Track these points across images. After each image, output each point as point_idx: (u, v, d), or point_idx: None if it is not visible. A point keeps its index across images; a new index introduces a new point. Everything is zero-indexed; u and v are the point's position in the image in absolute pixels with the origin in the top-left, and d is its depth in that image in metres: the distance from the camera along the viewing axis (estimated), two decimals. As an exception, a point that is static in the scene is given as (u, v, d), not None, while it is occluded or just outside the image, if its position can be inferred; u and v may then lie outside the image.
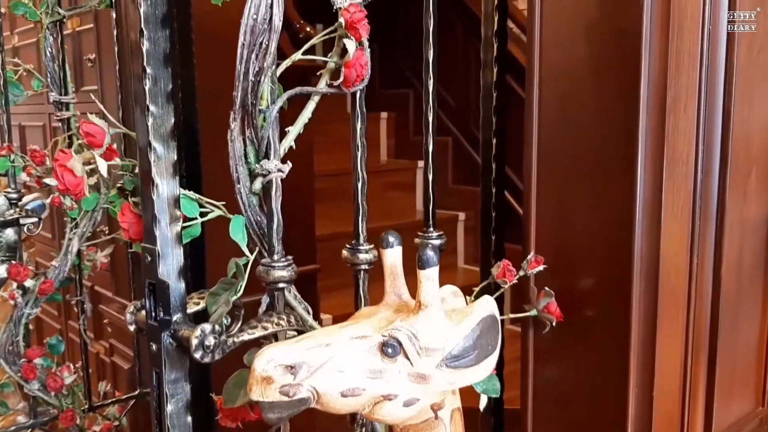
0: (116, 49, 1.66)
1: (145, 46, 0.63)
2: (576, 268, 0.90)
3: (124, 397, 1.75)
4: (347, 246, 0.86)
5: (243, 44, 0.70)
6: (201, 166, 1.82)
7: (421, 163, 3.48)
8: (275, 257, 0.75)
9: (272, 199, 0.74)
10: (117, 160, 1.56)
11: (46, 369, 1.56)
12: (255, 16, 0.70)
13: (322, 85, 0.79)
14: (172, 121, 0.66)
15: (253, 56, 0.70)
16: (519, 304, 0.98)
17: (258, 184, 0.76)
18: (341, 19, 0.75)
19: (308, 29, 2.16)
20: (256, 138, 0.74)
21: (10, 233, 1.52)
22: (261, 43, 0.70)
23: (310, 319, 0.77)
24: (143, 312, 0.71)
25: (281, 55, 2.27)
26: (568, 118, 0.89)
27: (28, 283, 1.49)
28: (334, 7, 0.78)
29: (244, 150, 0.75)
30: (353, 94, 0.82)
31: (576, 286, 0.89)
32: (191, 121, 1.80)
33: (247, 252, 0.77)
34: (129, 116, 1.72)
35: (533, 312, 0.92)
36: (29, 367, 1.52)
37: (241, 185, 0.75)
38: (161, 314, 0.67)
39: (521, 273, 0.93)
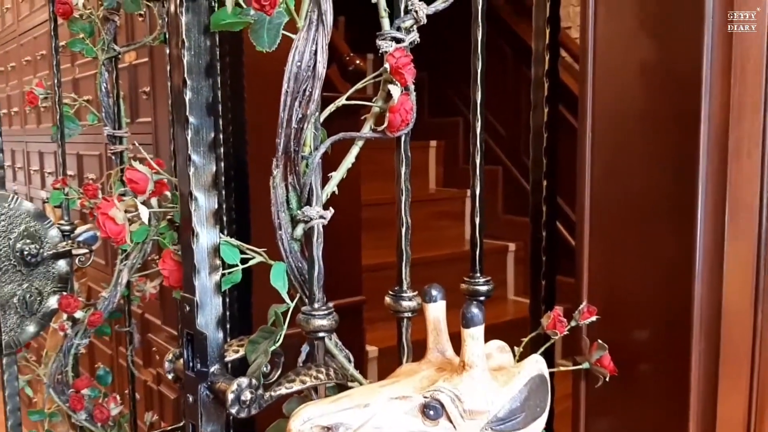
0: (169, 84, 1.68)
1: (188, 96, 0.62)
2: (630, 319, 0.85)
3: (170, 428, 1.75)
4: (390, 293, 0.84)
5: (287, 91, 0.69)
6: (251, 208, 1.84)
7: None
8: (316, 305, 0.73)
9: (314, 246, 0.73)
10: (167, 194, 1.58)
11: (94, 399, 1.57)
12: (299, 64, 0.69)
13: (367, 130, 0.77)
14: (213, 170, 0.65)
15: (297, 103, 0.69)
16: (570, 349, 0.94)
17: (300, 231, 0.74)
18: (387, 64, 0.74)
19: (358, 62, 2.16)
20: (298, 184, 0.72)
21: (62, 265, 1.55)
22: (304, 90, 0.69)
23: (351, 368, 0.75)
24: (181, 361, 0.70)
25: (331, 87, 2.28)
26: (622, 161, 0.86)
27: (78, 314, 1.51)
28: (380, 51, 0.77)
29: (287, 196, 0.73)
30: (398, 138, 0.80)
31: (630, 338, 0.85)
32: (242, 163, 1.81)
33: (287, 299, 0.75)
34: (180, 149, 1.74)
35: (585, 365, 0.88)
36: (77, 398, 1.54)
37: (282, 231, 0.74)
38: (198, 365, 0.65)
39: (572, 323, 0.89)
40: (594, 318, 0.86)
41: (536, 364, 0.64)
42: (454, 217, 3.38)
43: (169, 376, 0.73)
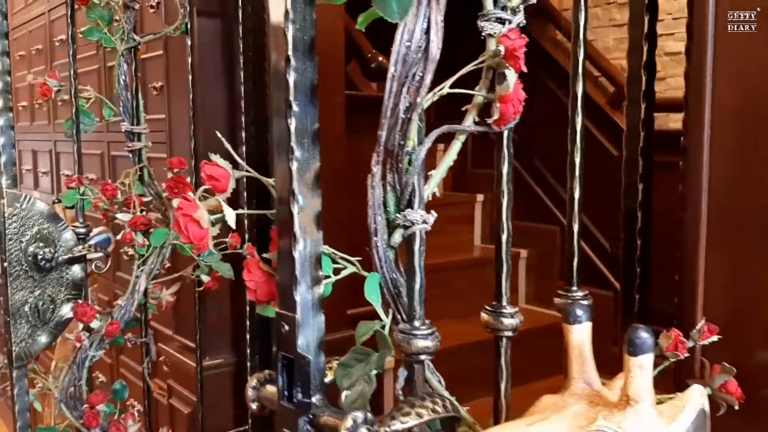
0: (190, 77, 1.58)
1: (292, 77, 0.53)
2: (753, 339, 0.77)
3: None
4: (488, 308, 0.75)
5: (393, 76, 0.60)
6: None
7: (480, 197, 3.38)
8: (416, 323, 0.64)
9: (415, 255, 0.63)
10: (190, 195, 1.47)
11: (109, 416, 1.46)
12: (408, 44, 0.59)
13: (470, 123, 0.68)
14: (318, 165, 0.55)
15: (405, 89, 0.60)
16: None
17: (398, 237, 0.64)
18: (500, 48, 0.64)
19: (381, 59, 2.07)
20: (399, 184, 0.63)
21: (76, 270, 1.44)
22: (414, 75, 0.60)
23: (452, 399, 0.66)
24: (269, 387, 0.60)
25: (353, 87, 2.17)
26: (749, 166, 0.77)
27: (95, 324, 1.40)
28: (483, 33, 0.68)
29: (384, 197, 0.64)
30: (498, 134, 0.71)
31: (752, 360, 0.76)
32: (264, 166, 1.71)
33: (383, 316, 0.66)
34: (201, 147, 1.63)
35: (707, 391, 0.79)
36: (92, 414, 1.42)
37: (378, 237, 0.64)
38: (299, 395, 0.55)
39: (690, 344, 0.80)
40: (715, 338, 0.77)
41: (700, 396, 0.55)
42: (463, 222, 3.29)
43: (252, 406, 0.63)
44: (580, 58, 0.76)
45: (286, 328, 0.56)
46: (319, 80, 1.77)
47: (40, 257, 1.34)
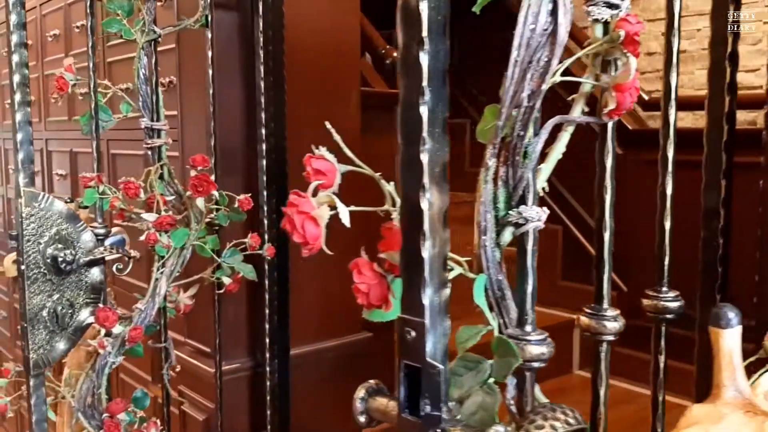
0: (210, 72, 1.52)
1: (426, 60, 0.48)
2: None
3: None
4: (587, 310, 0.70)
5: (516, 61, 0.55)
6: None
7: None
8: (528, 328, 0.59)
9: (528, 255, 0.59)
10: (215, 193, 1.42)
11: (129, 425, 1.40)
12: (533, 27, 0.55)
13: (578, 113, 0.64)
14: (447, 157, 0.51)
15: (528, 76, 0.55)
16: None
17: (507, 236, 0.60)
18: (619, 32, 0.60)
19: (395, 54, 2.02)
20: (512, 178, 0.59)
21: (96, 273, 1.37)
22: (539, 60, 0.55)
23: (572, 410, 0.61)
24: (379, 399, 0.55)
25: (364, 84, 2.10)
26: None
27: (116, 329, 1.34)
28: (590, 18, 0.64)
29: (494, 193, 0.59)
30: (602, 126, 0.67)
31: None
32: (282, 161, 1.66)
33: (492, 320, 0.61)
34: (221, 144, 1.57)
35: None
36: (113, 424, 1.36)
37: (487, 236, 0.60)
38: (427, 408, 0.51)
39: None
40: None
41: None
42: (461, 223, 3.23)
43: (361, 419, 0.58)
44: (674, 49, 0.73)
45: (413, 334, 0.51)
46: (334, 76, 1.72)
47: (60, 259, 1.27)
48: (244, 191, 1.51)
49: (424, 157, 0.49)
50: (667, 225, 0.75)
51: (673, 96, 0.75)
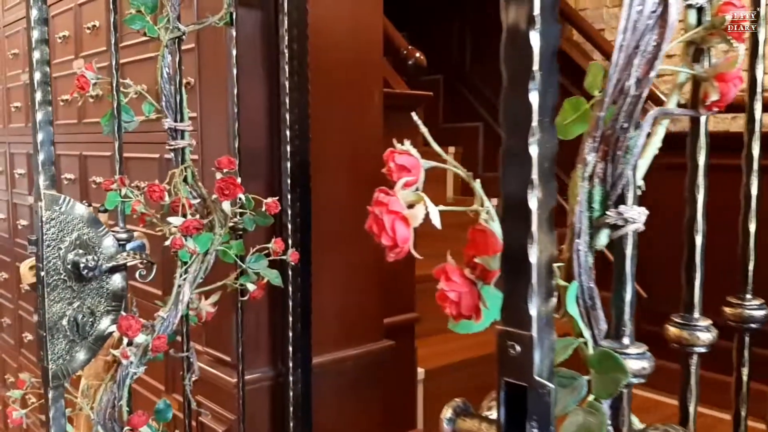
0: (235, 71, 1.47)
1: (537, 42, 0.43)
2: None
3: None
4: (675, 320, 0.65)
5: (621, 46, 0.50)
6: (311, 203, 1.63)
7: (495, 201, 3.29)
8: (626, 341, 0.54)
9: (627, 260, 0.54)
10: (241, 196, 1.36)
11: (151, 438, 1.34)
12: (640, 8, 0.50)
13: (673, 105, 0.58)
14: (556, 150, 0.46)
15: (635, 62, 0.50)
16: None
17: (604, 239, 0.55)
18: (724, 17, 0.55)
19: (418, 54, 1.98)
20: (611, 175, 0.53)
21: (117, 280, 1.31)
22: (647, 44, 0.50)
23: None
24: (470, 422, 0.50)
25: (387, 86, 2.03)
26: None
27: (139, 338, 1.28)
28: (685, 3, 0.59)
29: (590, 192, 0.54)
30: (694, 120, 0.62)
31: None
32: (305, 164, 1.61)
33: (586, 333, 0.56)
34: (243, 146, 1.52)
35: None
36: (135, 437, 1.30)
37: (581, 240, 0.54)
38: (535, 431, 0.45)
39: None
40: None
41: None
42: None
43: (450, 440, 0.52)
44: (761, 38, 0.68)
45: (517, 349, 0.46)
46: (357, 77, 1.66)
47: (82, 265, 1.22)
48: (266, 195, 1.46)
49: (533, 150, 0.44)
50: (752, 228, 0.70)
51: (759, 91, 0.70)
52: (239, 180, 1.36)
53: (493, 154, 3.30)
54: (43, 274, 1.22)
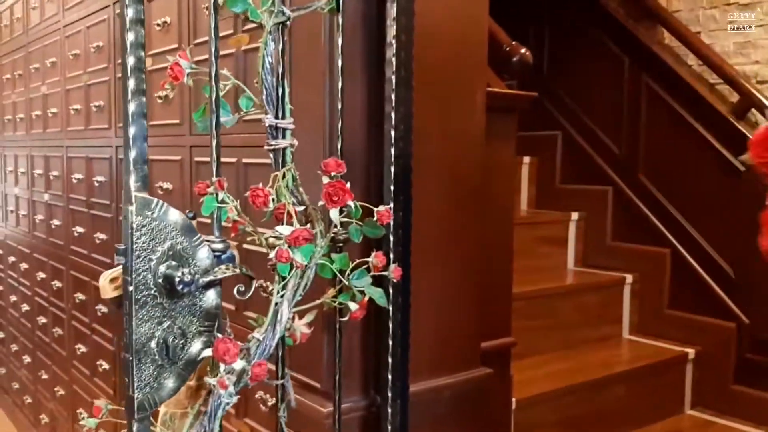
0: (340, 62, 1.30)
1: None
2: None
3: None
4: None
5: None
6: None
7: (574, 215, 3.09)
8: None
9: None
10: (350, 204, 1.19)
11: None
12: None
13: None
14: None
15: None
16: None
17: None
18: None
19: (523, 51, 1.80)
20: None
21: (211, 296, 1.15)
22: None
23: None
24: None
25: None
26: None
27: (237, 364, 1.11)
28: None
29: None
30: None
31: None
32: (407, 169, 1.44)
33: None
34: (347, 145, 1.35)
35: None
36: (227, 478, 1.13)
37: None
38: None
39: None
40: None
41: None
42: (553, 243, 3.00)
43: None
44: None
45: None
46: (459, 74, 1.47)
47: (177, 279, 1.05)
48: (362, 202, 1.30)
49: None
50: None
51: None
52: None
53: (573, 165, 3.09)
54: (131, 288, 1.06)
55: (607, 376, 2.35)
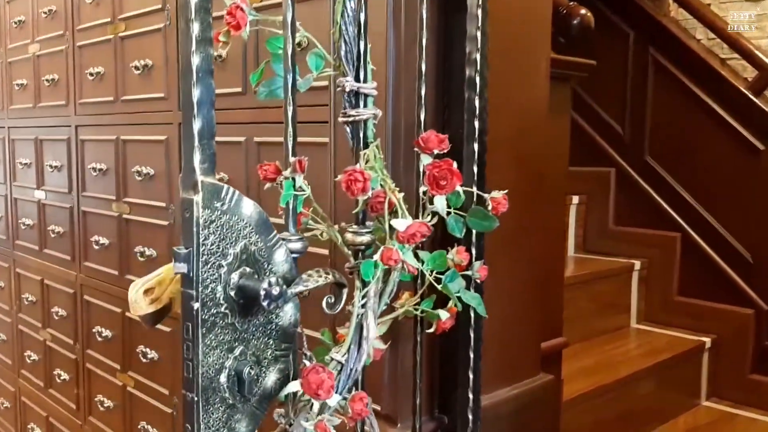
0: (425, 14, 1.05)
1: None
2: None
3: None
4: None
5: None
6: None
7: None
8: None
9: None
10: (459, 190, 0.95)
11: None
12: None
13: None
14: None
15: None
16: None
17: None
18: None
19: (583, 12, 1.57)
20: None
21: (289, 312, 0.89)
22: None
23: None
24: None
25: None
26: None
27: (333, 399, 0.86)
28: None
29: None
30: None
31: None
32: (483, 139, 1.20)
33: None
34: (407, 123, 1.10)
35: None
36: None
37: None
38: None
39: None
40: None
41: None
42: (599, 302, 2.57)
43: None
44: None
45: None
46: (520, 41, 1.23)
47: (263, 293, 0.79)
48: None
49: None
50: None
51: None
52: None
53: (628, 206, 2.73)
54: (196, 306, 0.78)
55: (635, 374, 2.19)
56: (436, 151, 0.94)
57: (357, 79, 0.95)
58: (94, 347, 2.24)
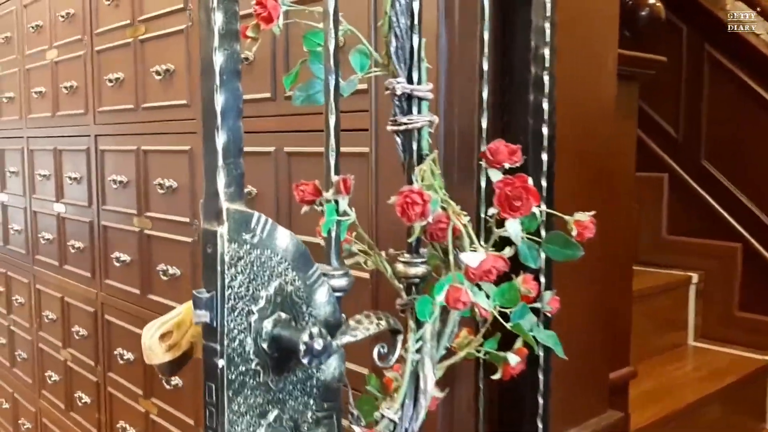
0: (487, 13, 0.89)
1: None
2: None
3: None
4: None
5: None
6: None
7: (695, 277, 2.36)
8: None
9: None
10: (535, 211, 0.79)
11: None
12: None
13: None
14: None
15: None
16: None
17: None
18: None
19: (653, 1, 1.40)
20: None
21: (333, 365, 0.73)
22: None
23: None
24: None
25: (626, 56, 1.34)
26: None
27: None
28: None
29: None
30: None
31: None
32: (552, 146, 1.04)
33: None
34: (461, 128, 0.94)
35: None
36: None
37: None
38: None
39: None
40: None
41: None
42: (670, 314, 2.41)
43: None
44: None
45: None
46: (584, 35, 1.03)
47: (303, 348, 0.63)
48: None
49: None
50: None
51: None
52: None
53: (682, 214, 2.49)
54: (222, 364, 0.63)
55: (700, 399, 2.00)
56: (506, 165, 0.78)
57: (410, 80, 0.80)
58: (115, 370, 2.11)
